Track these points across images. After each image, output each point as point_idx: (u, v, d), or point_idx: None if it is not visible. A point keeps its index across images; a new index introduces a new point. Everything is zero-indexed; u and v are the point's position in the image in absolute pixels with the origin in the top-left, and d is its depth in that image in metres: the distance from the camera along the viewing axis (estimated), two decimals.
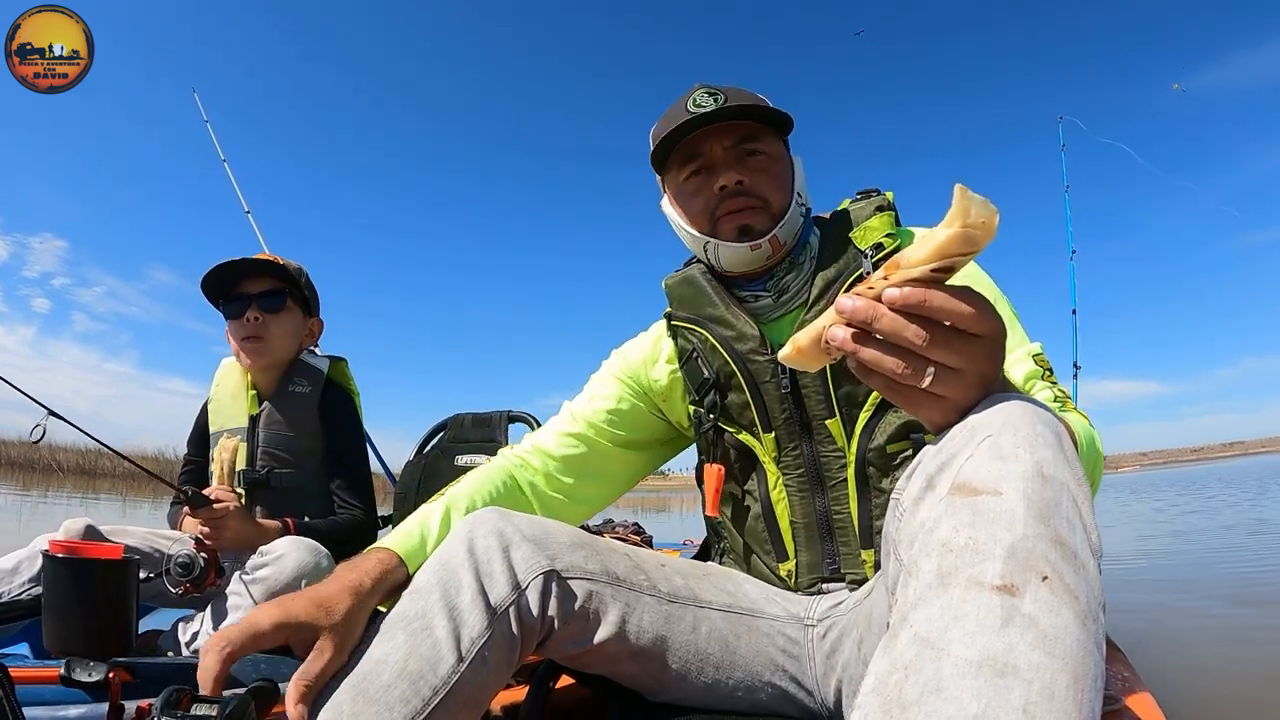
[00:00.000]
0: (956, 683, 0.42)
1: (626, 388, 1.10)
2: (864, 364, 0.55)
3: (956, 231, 0.51)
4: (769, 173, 0.99)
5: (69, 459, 18.14)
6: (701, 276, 1.06)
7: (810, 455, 0.96)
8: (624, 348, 1.14)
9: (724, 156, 0.99)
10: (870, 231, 0.97)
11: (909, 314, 0.53)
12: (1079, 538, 0.49)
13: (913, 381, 0.54)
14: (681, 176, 1.02)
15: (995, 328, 0.54)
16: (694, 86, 1.00)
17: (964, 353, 0.54)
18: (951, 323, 0.53)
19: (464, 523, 0.79)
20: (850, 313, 0.54)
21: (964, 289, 0.53)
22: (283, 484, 1.62)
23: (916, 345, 0.53)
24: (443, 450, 1.97)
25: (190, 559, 1.27)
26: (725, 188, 0.97)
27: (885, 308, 0.53)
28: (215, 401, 1.73)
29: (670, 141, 0.99)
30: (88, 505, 9.77)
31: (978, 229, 0.51)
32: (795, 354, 0.60)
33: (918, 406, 0.57)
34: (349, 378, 1.82)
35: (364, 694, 0.65)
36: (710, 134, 0.99)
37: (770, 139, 1.01)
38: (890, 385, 0.56)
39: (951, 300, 0.52)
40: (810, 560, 0.96)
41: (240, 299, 1.65)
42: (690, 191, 1.01)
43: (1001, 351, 0.57)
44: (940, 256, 0.52)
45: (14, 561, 1.35)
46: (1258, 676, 2.05)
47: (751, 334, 0.98)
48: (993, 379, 0.57)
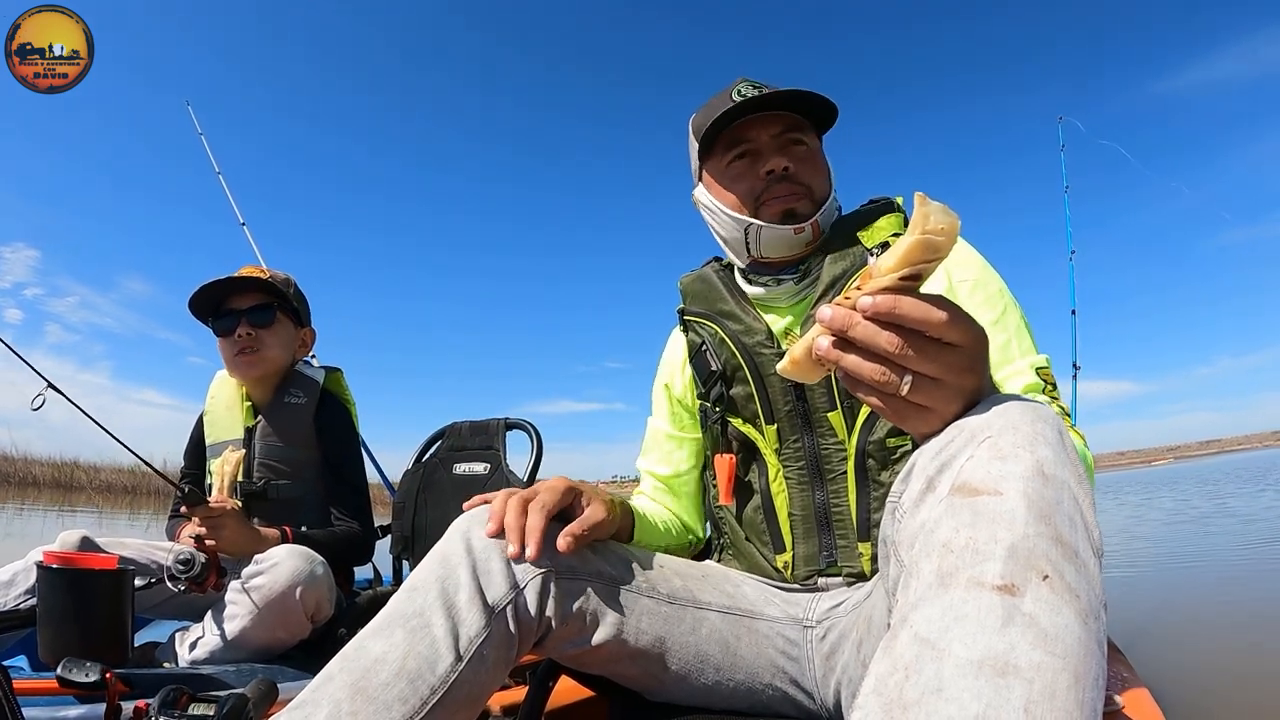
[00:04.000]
0: (957, 683, 0.42)
1: (672, 392, 1.15)
2: (847, 372, 0.56)
3: (918, 239, 0.52)
4: (811, 162, 1.03)
5: (44, 472, 17.52)
6: (715, 275, 1.09)
7: (811, 447, 0.97)
8: (664, 353, 1.20)
9: (770, 143, 1.01)
10: (878, 231, 0.98)
11: (882, 322, 0.53)
12: (1080, 536, 0.49)
13: (892, 389, 0.55)
14: (725, 161, 1.04)
15: (972, 338, 0.55)
16: (736, 80, 1.03)
17: (940, 361, 0.54)
18: (925, 330, 0.53)
19: (462, 521, 0.80)
20: (829, 322, 0.55)
21: (937, 297, 0.54)
22: (279, 495, 1.62)
23: (891, 353, 0.53)
24: (441, 459, 1.97)
25: (191, 555, 1.27)
26: (773, 172, 0.99)
27: (859, 316, 0.54)
28: (211, 414, 1.73)
29: (719, 125, 1.01)
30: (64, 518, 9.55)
31: (939, 235, 0.52)
32: (791, 366, 0.61)
33: (902, 417, 0.58)
34: (344, 388, 1.82)
35: (362, 692, 0.65)
36: (757, 121, 1.02)
37: (810, 134, 1.05)
38: (873, 395, 0.57)
39: (922, 307, 0.53)
40: (807, 552, 0.97)
41: (230, 315, 1.64)
42: (735, 175, 1.03)
43: (983, 363, 0.57)
44: (906, 264, 0.53)
45: (10, 574, 1.34)
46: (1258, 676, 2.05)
47: (759, 328, 1.00)
48: (974, 390, 0.57)
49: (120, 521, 9.63)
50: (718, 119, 0.99)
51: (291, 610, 1.31)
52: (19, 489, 16.09)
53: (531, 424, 1.96)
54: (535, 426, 1.94)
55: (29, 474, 17.22)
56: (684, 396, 1.14)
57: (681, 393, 1.14)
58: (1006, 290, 0.97)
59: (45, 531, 7.51)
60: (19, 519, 9.22)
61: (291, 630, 1.34)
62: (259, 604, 1.29)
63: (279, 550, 1.35)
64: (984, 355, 0.57)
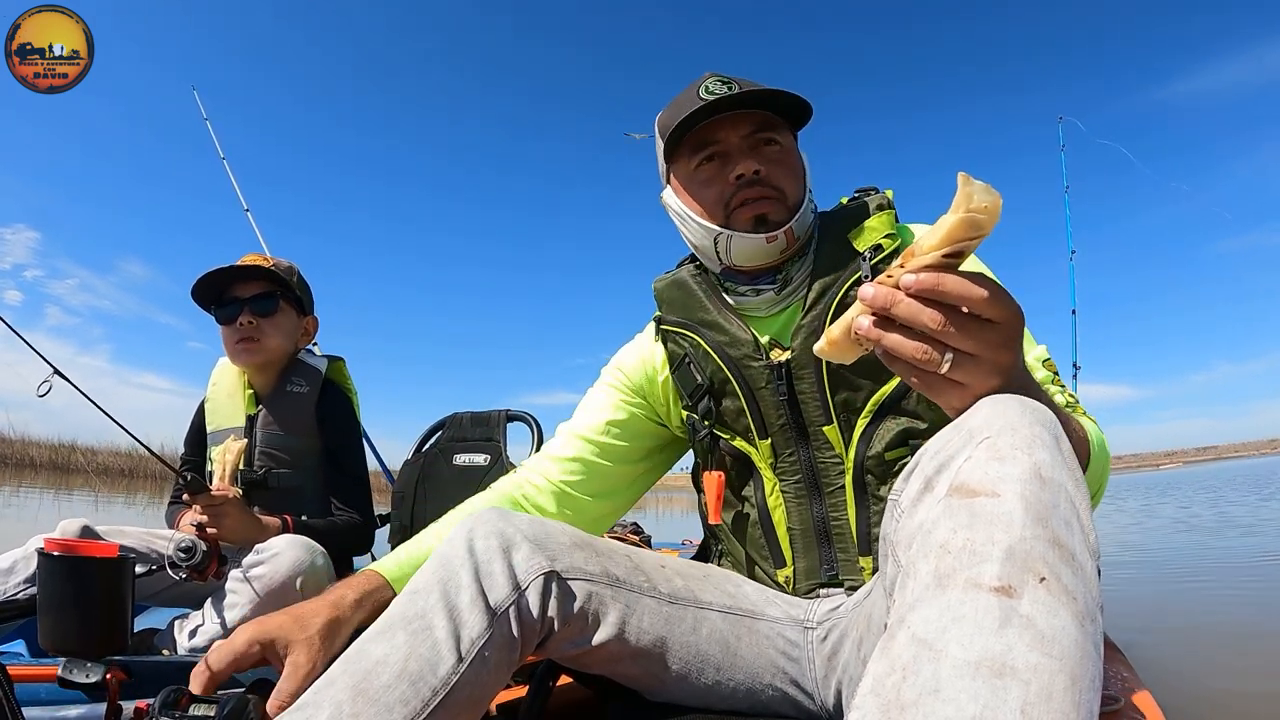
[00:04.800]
0: (954, 684, 0.42)
1: (622, 396, 1.08)
2: (888, 350, 0.57)
3: (962, 217, 0.53)
4: (785, 164, 0.97)
5: (41, 454, 17.31)
6: (692, 279, 1.03)
7: (807, 461, 0.94)
8: (617, 356, 1.12)
9: (740, 145, 0.96)
10: (869, 233, 0.94)
11: (925, 299, 0.54)
12: (1077, 539, 0.49)
13: (933, 367, 0.56)
14: (693, 165, 0.98)
15: (1011, 315, 0.56)
16: (704, 75, 0.97)
17: (980, 338, 0.55)
18: (967, 307, 0.55)
19: (464, 523, 0.79)
20: (871, 300, 0.56)
21: (978, 275, 0.55)
22: (280, 484, 1.62)
23: (933, 329, 0.55)
24: (441, 449, 1.97)
25: (192, 543, 1.27)
26: (743, 176, 0.94)
27: (903, 294, 0.55)
28: (212, 401, 1.73)
29: (685, 127, 0.95)
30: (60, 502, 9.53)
31: (982, 213, 0.53)
32: (829, 346, 0.62)
33: (940, 393, 0.59)
34: (347, 377, 1.82)
35: (364, 694, 0.65)
36: (726, 122, 0.96)
37: (784, 132, 0.99)
38: (913, 372, 0.58)
39: (964, 284, 0.54)
40: (808, 566, 0.95)
41: (232, 303, 1.64)
42: (703, 180, 0.98)
43: (1019, 340, 0.58)
44: (949, 242, 0.54)
45: (9, 561, 1.34)
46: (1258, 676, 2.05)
47: (745, 339, 0.96)
48: (1010, 367, 0.58)
49: (117, 504, 9.64)
50: (683, 120, 0.93)
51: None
52: (16, 471, 15.98)
53: (532, 416, 1.96)
54: (536, 418, 1.95)
55: (26, 456, 17.10)
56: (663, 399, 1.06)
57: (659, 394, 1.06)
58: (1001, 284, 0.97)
59: (42, 514, 7.51)
60: (15, 500, 9.23)
61: None
62: (259, 593, 1.29)
63: (280, 540, 1.35)
64: (1020, 332, 0.58)
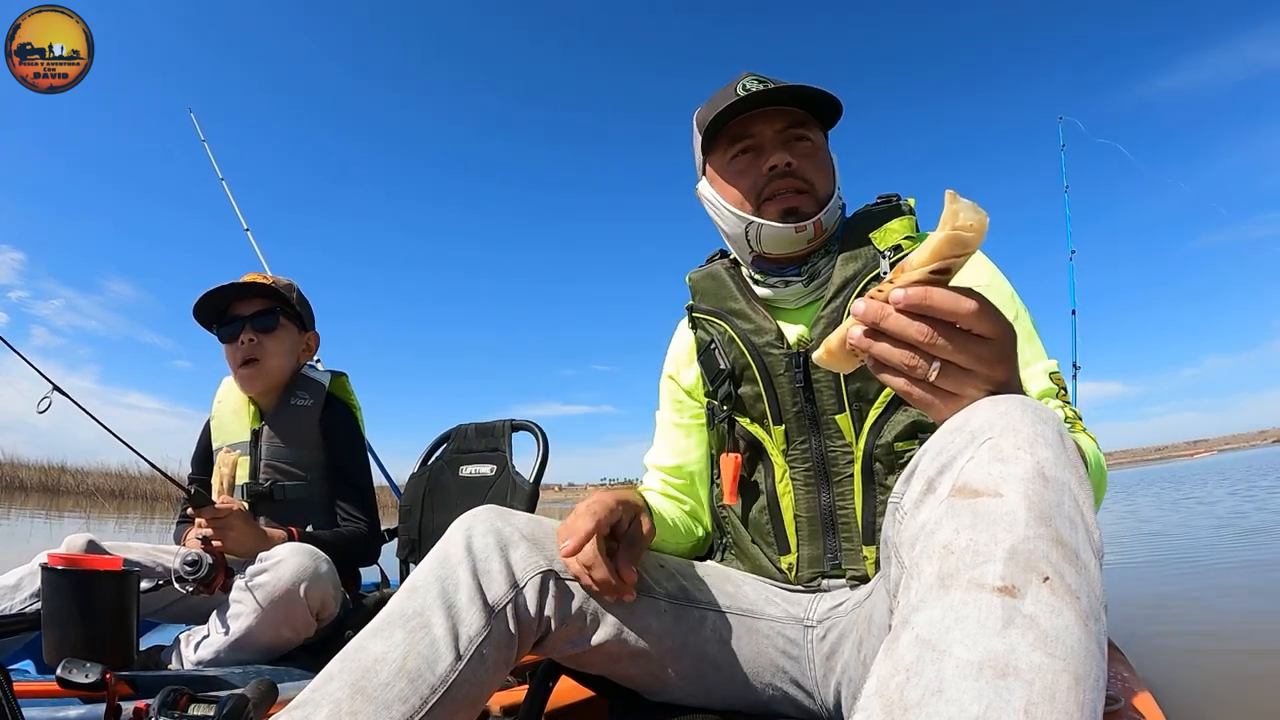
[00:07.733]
0: (958, 684, 0.42)
1: (682, 408, 1.14)
2: (876, 359, 0.58)
3: (948, 235, 0.54)
4: (815, 159, 1.02)
5: (30, 476, 17.08)
6: (725, 271, 1.08)
7: (818, 449, 0.97)
8: (666, 362, 1.18)
9: (773, 139, 1.01)
10: (890, 233, 0.98)
11: (913, 314, 0.55)
12: (1080, 538, 0.49)
13: (920, 374, 0.57)
14: (728, 156, 1.03)
15: (1001, 330, 0.57)
16: (741, 74, 1.02)
17: (971, 352, 0.56)
18: (955, 321, 0.55)
19: (462, 521, 0.80)
20: (862, 315, 0.58)
21: (968, 290, 0.56)
22: (286, 497, 1.63)
23: (921, 342, 0.56)
24: (447, 462, 1.97)
25: (198, 557, 1.28)
26: (775, 168, 0.99)
27: (892, 309, 0.56)
28: (217, 418, 1.74)
29: (722, 120, 1.00)
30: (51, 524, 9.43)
31: (968, 231, 0.54)
32: (827, 355, 0.63)
33: (930, 405, 0.59)
34: (350, 392, 1.83)
35: (362, 692, 0.65)
36: (761, 116, 1.01)
37: (815, 129, 1.04)
38: (900, 378, 0.58)
39: (952, 299, 0.55)
40: (812, 554, 0.97)
41: (234, 321, 1.66)
42: (737, 171, 1.03)
43: (1012, 356, 0.59)
44: (936, 259, 0.55)
45: (15, 578, 1.35)
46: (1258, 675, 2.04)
47: (769, 328, 1.00)
48: (1004, 382, 0.58)
49: (108, 525, 9.57)
50: (721, 113, 0.99)
51: (296, 607, 1.31)
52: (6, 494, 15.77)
53: (538, 426, 1.96)
54: (541, 428, 1.94)
55: (15, 478, 16.91)
56: (693, 389, 1.13)
57: (691, 385, 1.13)
58: (1016, 296, 0.98)
59: (34, 536, 7.45)
60: (6, 523, 9.17)
61: (297, 628, 1.34)
62: (263, 602, 1.29)
63: (283, 548, 1.36)
64: (1014, 348, 0.59)
